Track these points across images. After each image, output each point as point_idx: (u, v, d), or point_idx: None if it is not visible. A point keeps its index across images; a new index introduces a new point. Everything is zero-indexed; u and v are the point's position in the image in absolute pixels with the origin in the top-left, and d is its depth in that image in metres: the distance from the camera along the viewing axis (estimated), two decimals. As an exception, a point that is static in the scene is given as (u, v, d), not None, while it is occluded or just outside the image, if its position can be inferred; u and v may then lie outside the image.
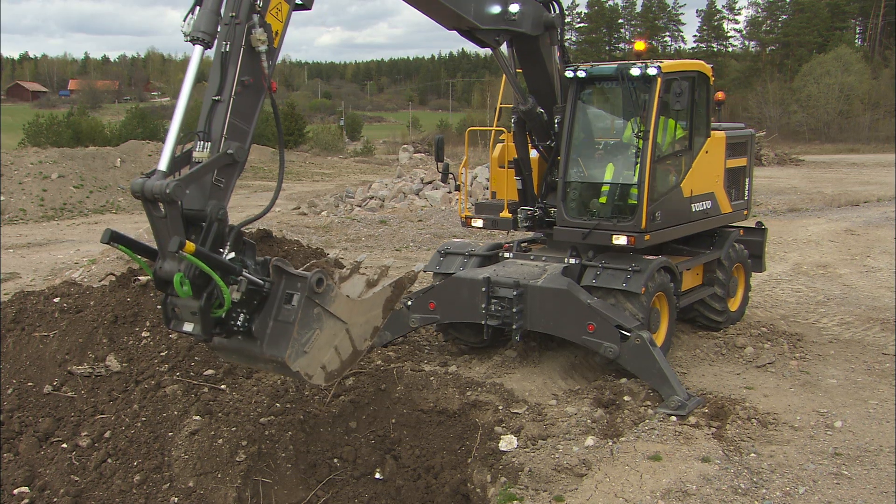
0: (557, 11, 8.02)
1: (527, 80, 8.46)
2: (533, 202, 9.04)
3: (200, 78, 4.62)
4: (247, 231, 10.36)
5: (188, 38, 4.35)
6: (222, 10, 4.51)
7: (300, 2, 4.96)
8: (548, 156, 8.92)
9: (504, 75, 8.53)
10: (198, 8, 4.40)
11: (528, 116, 8.48)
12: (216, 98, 4.47)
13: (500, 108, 9.69)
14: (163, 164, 4.26)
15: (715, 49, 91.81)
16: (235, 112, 4.50)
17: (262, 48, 4.54)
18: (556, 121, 8.49)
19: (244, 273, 4.49)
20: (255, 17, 4.49)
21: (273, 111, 4.88)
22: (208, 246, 4.37)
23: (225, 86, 4.46)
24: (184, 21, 4.42)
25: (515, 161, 8.89)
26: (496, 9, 7.12)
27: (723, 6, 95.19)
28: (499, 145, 9.52)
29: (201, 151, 4.41)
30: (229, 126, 4.45)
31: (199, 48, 4.28)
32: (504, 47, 7.91)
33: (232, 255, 4.55)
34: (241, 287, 4.48)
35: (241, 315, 4.58)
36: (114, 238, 4.47)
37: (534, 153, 9.08)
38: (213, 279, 4.30)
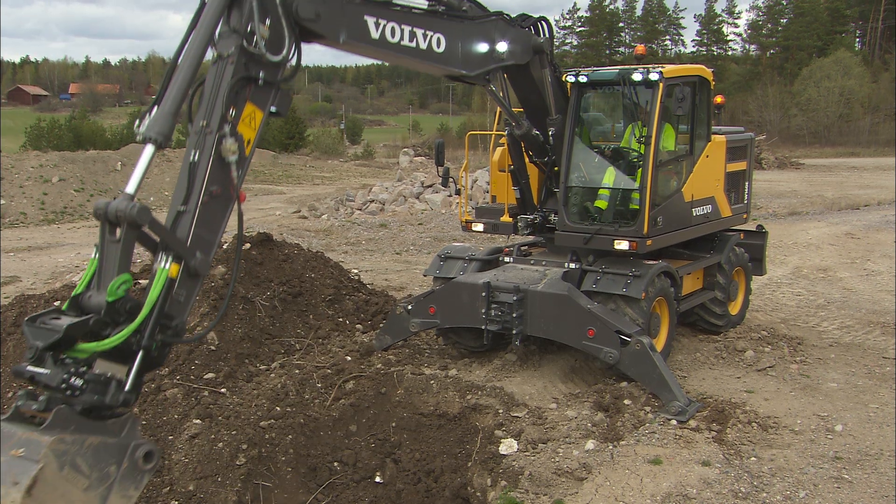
0: (546, 36, 7.88)
1: (518, 97, 8.43)
2: (532, 209, 9.05)
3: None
4: (246, 234, 10.36)
5: (141, 137, 4.12)
6: (200, 120, 4.36)
7: (274, 110, 4.80)
8: (545, 169, 8.92)
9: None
10: (156, 108, 4.22)
11: (524, 139, 8.51)
12: (181, 209, 4.29)
13: (500, 111, 9.70)
14: (130, 188, 4.09)
15: (715, 53, 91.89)
16: (201, 222, 4.31)
17: (233, 158, 4.39)
18: (550, 133, 8.45)
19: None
20: (227, 128, 4.35)
21: (238, 220, 4.63)
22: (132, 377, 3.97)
23: (192, 196, 4.28)
24: (139, 121, 4.19)
25: (512, 171, 8.91)
26: (483, 48, 6.90)
27: (722, 10, 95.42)
28: (499, 149, 9.53)
29: (163, 266, 4.17)
30: (194, 237, 4.27)
31: (150, 147, 4.09)
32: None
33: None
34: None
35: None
36: None
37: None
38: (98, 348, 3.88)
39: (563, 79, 8.85)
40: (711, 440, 7.04)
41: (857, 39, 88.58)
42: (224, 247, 10.66)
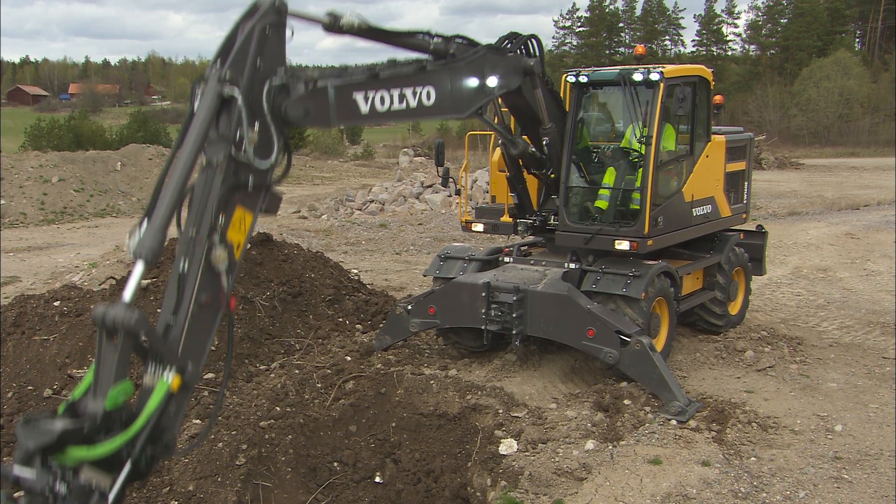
0: (537, 55, 7.77)
1: (510, 112, 8.42)
2: (531, 212, 9.06)
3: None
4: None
5: (132, 254, 4.04)
6: (190, 228, 4.28)
7: (265, 208, 4.74)
8: (543, 178, 8.93)
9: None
10: (146, 222, 4.15)
11: (521, 157, 8.53)
12: (171, 321, 4.24)
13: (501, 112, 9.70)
14: (127, 295, 4.05)
15: (714, 53, 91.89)
16: (191, 333, 4.25)
17: (222, 267, 4.32)
18: (544, 142, 8.44)
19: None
20: (216, 237, 4.29)
21: (228, 329, 4.57)
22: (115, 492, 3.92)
23: (181, 306, 4.23)
24: (130, 237, 4.10)
25: (509, 178, 8.91)
26: (473, 83, 6.68)
27: (722, 10, 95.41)
28: (498, 149, 9.51)
29: (152, 377, 4.10)
30: (184, 349, 4.21)
31: (141, 264, 4.03)
32: None
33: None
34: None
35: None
36: None
37: None
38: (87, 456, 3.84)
39: (564, 78, 8.86)
40: (711, 440, 7.04)
41: (857, 39, 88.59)
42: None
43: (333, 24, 5.15)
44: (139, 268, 4.02)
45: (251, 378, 8.27)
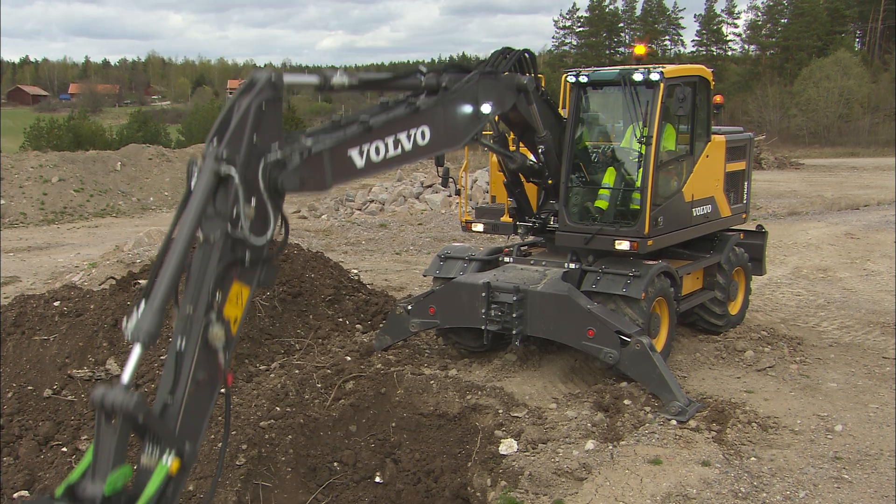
0: (531, 70, 7.71)
1: (506, 124, 8.41)
2: (530, 214, 9.07)
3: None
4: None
5: (130, 336, 4.00)
6: (186, 306, 4.25)
7: (262, 280, 4.68)
8: (540, 185, 8.93)
9: None
10: (143, 303, 4.09)
11: (520, 170, 8.55)
12: (169, 401, 4.21)
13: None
14: (125, 377, 4.04)
15: (714, 53, 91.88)
16: (188, 412, 4.21)
17: (219, 345, 4.27)
18: (540, 150, 8.43)
19: None
20: (213, 315, 4.24)
21: (225, 407, 4.55)
22: None
23: (178, 386, 4.20)
24: (127, 319, 4.05)
25: (506, 184, 8.92)
26: (467, 110, 6.57)
27: (722, 10, 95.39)
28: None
29: (149, 457, 4.07)
30: (181, 429, 4.18)
31: (139, 347, 3.99)
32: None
33: None
34: None
35: None
36: None
37: None
38: None
39: (564, 78, 8.86)
40: (711, 440, 7.04)
41: (857, 39, 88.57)
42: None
43: (325, 85, 5.12)
44: (136, 351, 3.99)
45: (251, 378, 8.27)
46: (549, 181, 8.68)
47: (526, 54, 7.70)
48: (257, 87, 4.48)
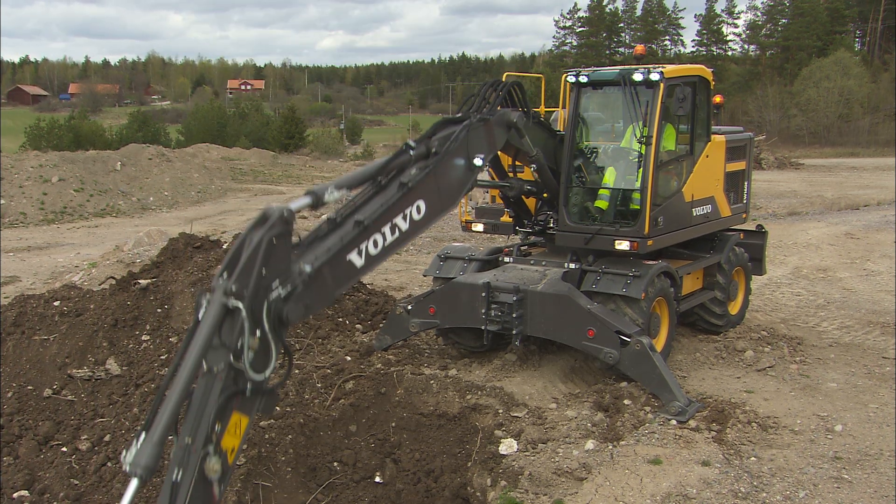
0: (521, 103, 7.67)
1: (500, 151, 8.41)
2: (529, 218, 9.07)
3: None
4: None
5: (128, 469, 3.98)
6: (185, 436, 4.24)
7: (261, 410, 4.69)
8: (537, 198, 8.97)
9: None
10: (143, 435, 4.09)
11: (519, 195, 8.61)
12: None
13: None
14: None
15: (714, 53, 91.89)
16: None
17: (215, 477, 4.28)
18: (533, 168, 8.43)
19: None
20: (211, 447, 4.25)
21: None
22: None
23: None
24: (127, 450, 4.02)
25: (503, 197, 8.91)
26: (460, 166, 6.47)
27: (722, 10, 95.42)
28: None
29: None
30: None
31: (135, 482, 3.96)
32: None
33: None
34: None
35: None
36: None
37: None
38: None
39: (564, 78, 8.85)
40: (711, 440, 7.04)
41: (857, 40, 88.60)
42: (225, 246, 10.66)
43: (318, 203, 5.14)
44: (133, 485, 3.98)
45: (251, 378, 8.26)
46: (545, 195, 8.70)
47: (516, 87, 7.65)
48: (269, 221, 4.57)
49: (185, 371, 4.23)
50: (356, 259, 5.27)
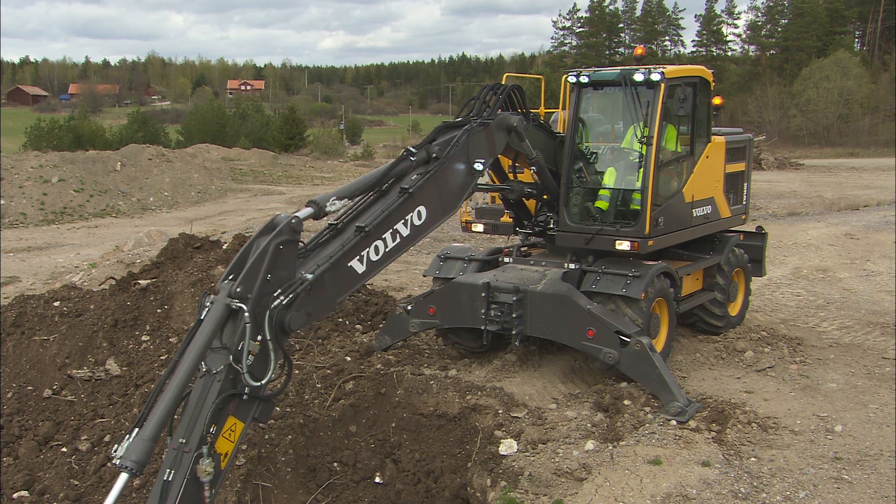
0: (521, 106, 7.69)
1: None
2: (529, 219, 9.07)
3: None
4: (246, 234, 10.35)
5: (118, 462, 4.03)
6: (180, 437, 4.29)
7: (257, 416, 4.75)
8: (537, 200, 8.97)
9: None
10: (136, 431, 4.11)
11: (520, 197, 8.63)
12: None
13: None
14: None
15: (714, 53, 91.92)
16: None
17: (206, 479, 4.30)
18: (533, 170, 8.44)
19: None
20: (205, 448, 4.28)
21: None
22: None
23: None
24: (119, 444, 4.10)
25: (503, 199, 8.92)
26: (460, 172, 6.51)
27: (722, 11, 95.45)
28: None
29: None
30: None
31: (124, 476, 4.00)
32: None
33: None
34: None
35: None
36: None
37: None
38: None
39: (564, 78, 8.85)
40: (711, 440, 7.04)
41: (857, 40, 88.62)
42: (224, 246, 10.66)
43: (320, 213, 5.16)
44: (122, 479, 3.98)
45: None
46: (546, 196, 8.70)
47: (515, 90, 7.66)
48: (277, 229, 4.65)
49: (183, 369, 4.25)
50: (357, 266, 5.31)
